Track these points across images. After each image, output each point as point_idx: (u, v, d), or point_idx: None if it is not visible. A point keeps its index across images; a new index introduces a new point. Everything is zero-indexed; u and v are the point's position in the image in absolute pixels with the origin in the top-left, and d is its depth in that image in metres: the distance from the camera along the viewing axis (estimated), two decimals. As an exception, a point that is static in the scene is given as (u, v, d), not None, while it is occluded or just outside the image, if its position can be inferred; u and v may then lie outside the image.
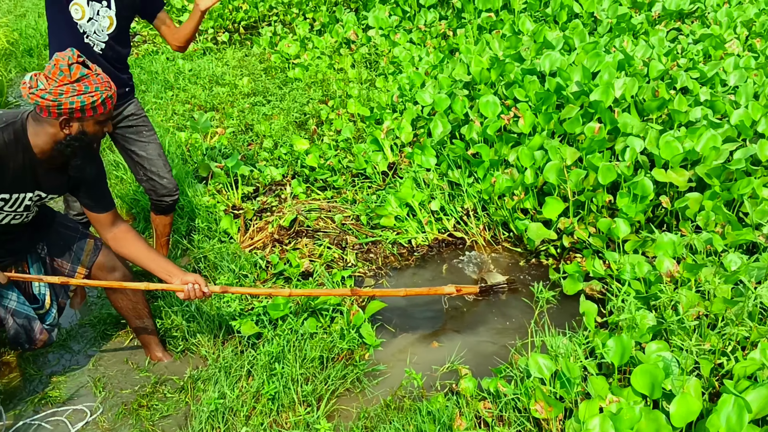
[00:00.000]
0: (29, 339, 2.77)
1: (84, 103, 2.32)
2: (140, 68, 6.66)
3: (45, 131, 2.39)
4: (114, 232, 2.78)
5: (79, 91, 2.30)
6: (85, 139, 2.43)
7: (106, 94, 2.37)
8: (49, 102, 2.29)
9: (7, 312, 2.69)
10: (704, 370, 2.40)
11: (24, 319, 2.73)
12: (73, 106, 2.31)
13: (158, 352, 3.20)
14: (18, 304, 2.72)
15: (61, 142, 2.40)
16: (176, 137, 5.01)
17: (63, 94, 2.29)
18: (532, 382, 2.54)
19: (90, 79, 2.33)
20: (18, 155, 2.39)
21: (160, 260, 2.80)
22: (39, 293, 2.82)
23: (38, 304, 2.81)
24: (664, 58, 4.64)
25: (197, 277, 2.77)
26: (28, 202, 2.55)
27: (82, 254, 2.87)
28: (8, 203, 2.48)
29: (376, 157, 4.54)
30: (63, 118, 2.34)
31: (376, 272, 3.76)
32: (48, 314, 2.85)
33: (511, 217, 3.86)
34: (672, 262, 3.01)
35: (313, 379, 2.93)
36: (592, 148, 3.67)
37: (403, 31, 6.47)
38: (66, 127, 2.37)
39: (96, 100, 2.34)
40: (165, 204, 3.57)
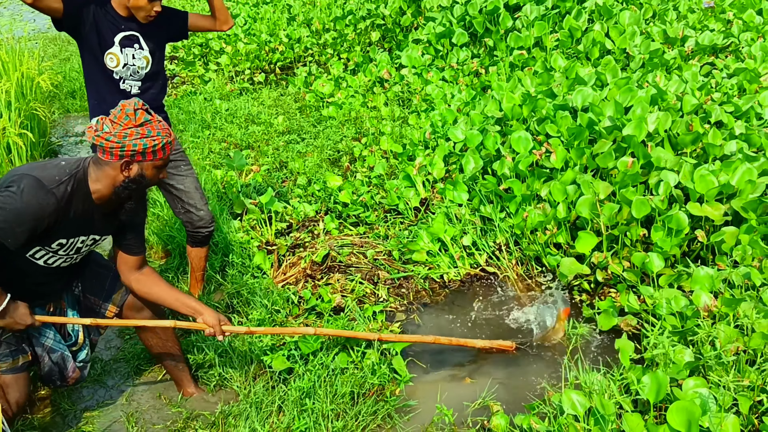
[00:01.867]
0: (62, 377, 2.82)
1: (146, 146, 2.42)
2: (178, 108, 6.84)
3: (105, 175, 2.48)
4: (138, 275, 2.84)
5: (142, 135, 2.41)
6: (143, 182, 2.52)
7: (166, 140, 2.48)
8: (113, 144, 2.39)
9: (44, 350, 2.75)
10: (743, 407, 2.33)
11: (59, 357, 2.79)
12: (135, 149, 2.41)
13: (190, 387, 3.22)
14: (54, 342, 2.78)
15: (120, 186, 2.49)
16: (212, 175, 5.11)
17: (127, 137, 2.39)
18: (566, 419, 2.50)
19: (153, 124, 2.45)
20: (79, 203, 2.49)
21: (184, 299, 2.85)
22: (73, 330, 2.88)
23: (72, 340, 2.87)
24: (697, 92, 4.60)
25: (220, 316, 2.83)
26: (80, 245, 2.63)
27: (114, 293, 2.93)
28: (64, 247, 2.57)
29: (408, 193, 4.57)
30: (124, 160, 2.43)
31: (407, 307, 3.75)
32: (81, 350, 2.91)
33: (544, 251, 3.84)
34: (709, 297, 2.95)
35: (344, 415, 2.91)
36: (626, 183, 3.64)
37: (435, 69, 6.54)
38: (126, 170, 2.46)
39: (157, 144, 2.45)
40: (201, 235, 3.67)
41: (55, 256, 2.60)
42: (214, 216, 4.28)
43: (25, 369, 2.72)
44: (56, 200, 2.38)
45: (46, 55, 9.53)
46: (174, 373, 3.20)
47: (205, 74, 7.84)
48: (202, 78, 7.84)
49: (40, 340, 2.75)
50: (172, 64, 8.44)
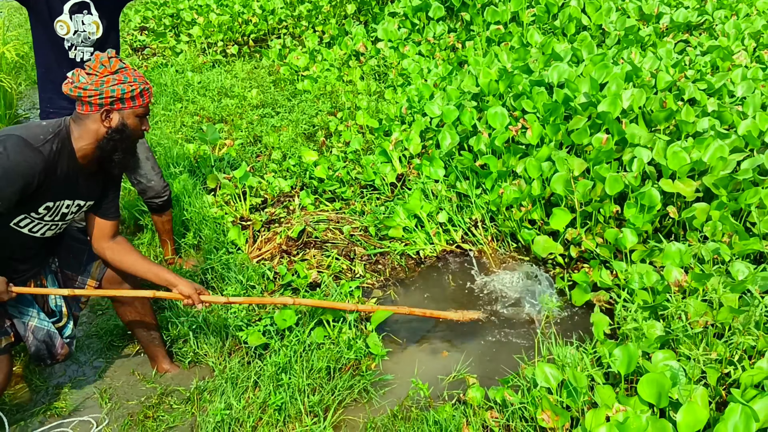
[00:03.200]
0: (51, 354, 2.77)
1: (124, 91, 2.43)
2: (150, 80, 6.72)
3: (87, 130, 2.47)
4: (111, 243, 2.79)
5: (119, 81, 2.42)
6: (126, 131, 2.50)
7: (143, 86, 2.49)
8: (91, 92, 2.39)
9: (27, 329, 2.70)
10: (711, 379, 2.38)
11: (45, 334, 2.74)
12: (114, 95, 2.41)
13: (165, 363, 3.21)
14: (38, 320, 2.73)
15: (103, 139, 2.48)
16: (185, 149, 5.05)
17: (104, 84, 2.40)
18: (539, 391, 2.54)
19: (128, 71, 2.46)
20: (64, 162, 2.46)
21: (157, 269, 2.81)
22: (56, 306, 2.83)
23: (56, 317, 2.83)
24: (671, 69, 4.64)
25: (197, 286, 2.81)
26: (65, 210, 2.59)
27: (92, 267, 2.89)
28: (50, 212, 2.54)
29: (384, 169, 4.55)
30: (104, 109, 2.43)
31: (384, 283, 3.76)
32: (66, 327, 2.86)
33: (519, 227, 3.86)
34: (680, 272, 3.00)
35: (320, 390, 2.93)
36: (600, 159, 3.67)
37: (412, 43, 6.50)
38: (107, 119, 2.46)
39: (135, 89, 2.45)
40: (156, 205, 3.72)
41: (41, 223, 2.55)
42: (186, 193, 4.26)
43: (8, 350, 2.68)
44: (44, 158, 2.35)
45: (11, 24, 9.29)
46: (149, 349, 3.18)
47: (177, 46, 7.70)
48: (174, 50, 7.69)
49: (23, 319, 2.70)
50: (142, 35, 8.28)
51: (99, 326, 3.54)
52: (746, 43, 5.17)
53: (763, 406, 2.08)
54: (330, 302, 3.23)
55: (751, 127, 3.70)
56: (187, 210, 4.21)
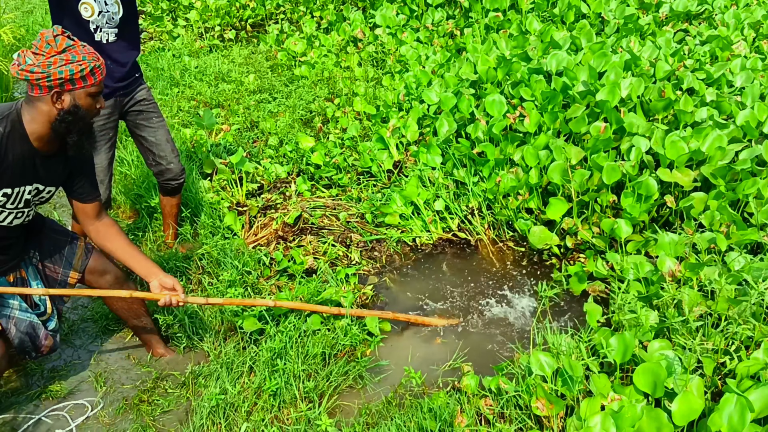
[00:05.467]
0: (35, 346, 2.73)
1: (72, 71, 2.32)
2: (146, 65, 6.67)
3: (39, 112, 2.37)
4: (97, 225, 2.76)
5: (67, 61, 2.30)
6: (79, 113, 2.39)
7: (94, 64, 2.37)
8: (38, 75, 2.29)
9: (9, 321, 2.65)
10: (707, 369, 2.39)
11: (27, 326, 2.69)
12: (62, 76, 2.30)
13: (160, 348, 3.20)
14: (20, 311, 2.68)
15: (55, 120, 2.38)
16: (181, 133, 5.02)
17: (51, 65, 2.28)
18: (534, 379, 2.54)
19: (76, 49, 2.34)
20: (16, 146, 2.38)
21: (140, 258, 2.77)
22: (39, 299, 2.79)
23: (40, 309, 2.78)
24: (670, 58, 4.62)
25: (174, 282, 2.75)
26: (28, 196, 2.52)
27: (74, 258, 2.85)
28: (10, 199, 2.46)
29: (381, 156, 4.54)
30: (54, 91, 2.33)
31: (380, 270, 3.76)
32: (50, 320, 2.82)
33: (516, 216, 3.85)
34: (674, 262, 3.00)
35: (315, 376, 2.93)
36: (598, 148, 3.66)
37: (410, 29, 6.46)
38: (58, 101, 2.36)
39: (84, 68, 2.34)
40: (171, 186, 3.71)
41: (5, 211, 2.48)
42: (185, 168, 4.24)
43: None
44: None
45: (7, 7, 9.20)
46: (142, 336, 3.17)
47: (174, 30, 7.64)
48: (171, 34, 7.64)
49: (4, 312, 2.65)
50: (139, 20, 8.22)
51: (94, 310, 3.53)
52: (746, 33, 5.15)
53: (759, 397, 2.08)
54: (312, 305, 3.18)
55: (749, 117, 3.69)
56: (184, 195, 4.19)
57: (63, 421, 2.86)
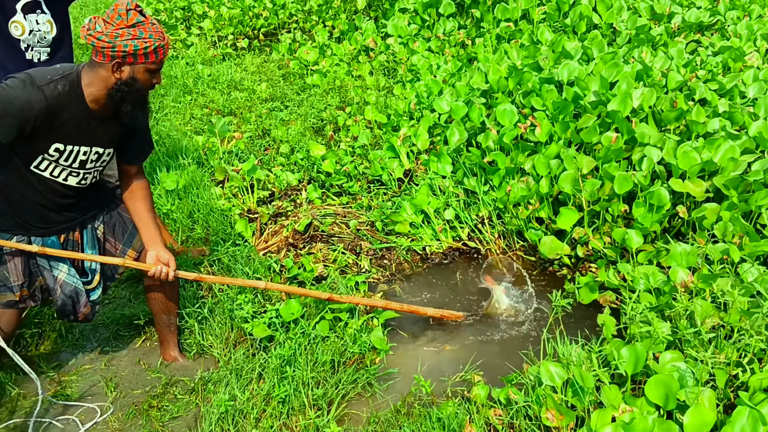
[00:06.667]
0: (74, 311, 2.84)
1: (137, 47, 2.40)
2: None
3: (98, 77, 2.47)
4: (132, 183, 2.87)
5: (133, 36, 2.39)
6: (135, 85, 2.49)
7: (159, 43, 2.46)
8: (104, 44, 2.38)
9: (56, 282, 2.77)
10: (719, 382, 2.37)
11: (72, 290, 2.80)
12: (126, 50, 2.39)
13: (173, 351, 3.22)
14: (68, 276, 2.79)
15: (112, 88, 2.48)
16: (194, 141, 5.05)
17: (119, 37, 2.38)
18: (544, 390, 2.52)
19: (145, 26, 2.42)
20: (72, 105, 2.48)
21: (151, 226, 2.87)
22: (90, 268, 2.89)
23: (87, 278, 2.88)
24: (682, 69, 4.61)
25: (170, 257, 2.84)
26: (83, 156, 2.61)
27: (135, 238, 2.94)
28: (62, 155, 2.56)
29: (392, 164, 4.55)
30: (116, 61, 2.42)
31: (389, 278, 3.75)
32: (94, 291, 2.91)
33: (526, 226, 3.85)
34: (686, 272, 2.98)
35: (324, 383, 2.92)
36: (609, 158, 3.65)
37: (421, 39, 6.48)
38: (117, 71, 2.45)
39: (149, 46, 2.43)
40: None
41: (59, 167, 2.58)
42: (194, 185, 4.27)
43: (10, 307, 2.75)
44: (44, 97, 2.38)
45: None
46: (163, 334, 3.21)
47: (188, 38, 7.70)
48: (185, 42, 7.69)
49: (53, 273, 2.77)
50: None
51: (105, 316, 3.55)
52: (758, 44, 5.13)
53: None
54: (301, 289, 3.20)
55: (762, 128, 3.67)
56: (195, 201, 4.21)
57: (73, 426, 2.87)
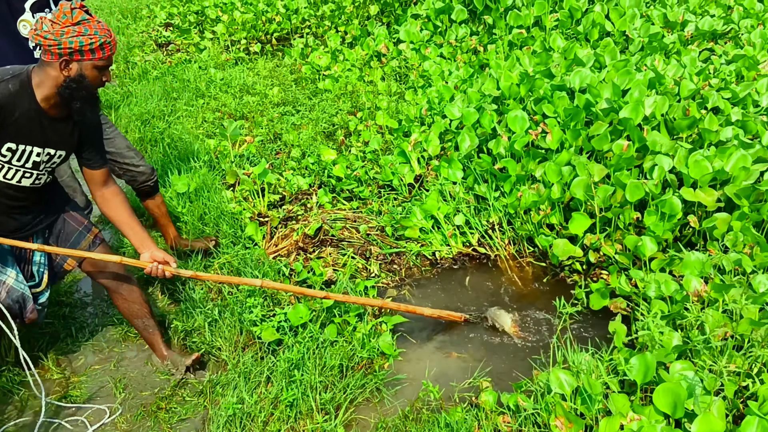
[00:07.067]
0: (21, 315, 2.88)
1: (82, 44, 2.47)
2: (173, 76, 6.76)
3: (48, 76, 2.53)
4: (103, 191, 2.92)
5: (78, 33, 2.46)
6: (84, 82, 2.55)
7: (104, 39, 2.52)
8: (51, 42, 2.45)
9: (2, 287, 2.80)
10: (728, 392, 2.35)
11: (19, 296, 2.84)
12: (72, 46, 2.46)
13: (163, 350, 3.22)
14: (15, 281, 2.84)
15: (61, 86, 2.53)
16: (206, 144, 5.08)
17: (64, 34, 2.45)
18: (553, 397, 2.52)
19: (90, 23, 2.50)
20: (23, 104, 2.54)
21: (137, 229, 2.92)
22: (37, 272, 2.95)
23: (35, 281, 2.94)
24: (695, 77, 4.59)
25: (165, 256, 2.89)
26: (36, 157, 2.67)
27: (78, 246, 2.98)
28: (15, 155, 2.61)
29: (402, 169, 4.55)
30: (63, 59, 2.48)
31: (399, 283, 3.75)
32: (43, 293, 2.97)
33: (537, 232, 3.84)
34: (699, 282, 2.96)
35: (332, 387, 2.93)
36: (620, 166, 3.64)
37: (433, 45, 6.49)
38: (65, 69, 2.51)
39: (94, 42, 2.49)
40: (148, 188, 3.78)
41: (12, 168, 2.63)
42: (205, 187, 4.29)
43: None
44: None
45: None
46: (145, 336, 3.22)
47: (201, 42, 7.74)
48: (197, 46, 7.74)
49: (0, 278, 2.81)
50: (167, 31, 8.34)
51: (115, 316, 3.57)
52: (773, 53, 5.11)
53: (781, 420, 2.05)
54: (299, 288, 3.21)
55: (775, 137, 3.65)
56: (206, 204, 4.23)
57: (82, 426, 2.89)
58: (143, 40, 8.15)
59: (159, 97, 6.23)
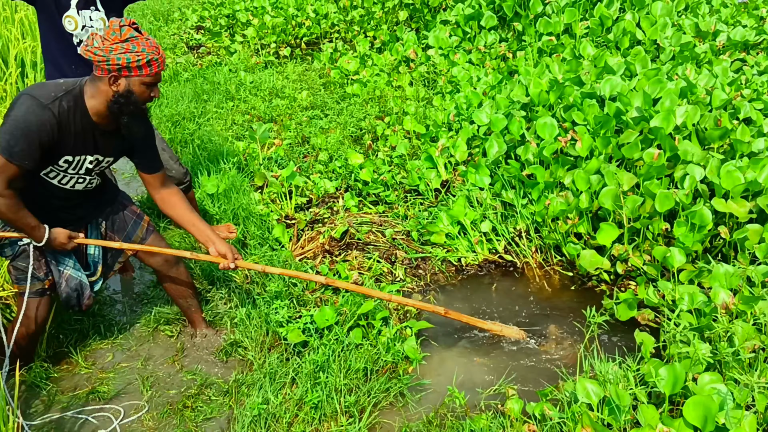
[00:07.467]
0: (78, 303, 3.02)
1: (129, 60, 2.53)
2: (203, 78, 6.84)
3: (99, 91, 2.62)
4: (162, 193, 3.02)
5: (126, 50, 2.53)
6: (131, 98, 2.62)
7: (152, 56, 2.58)
8: (100, 57, 2.53)
9: (62, 277, 2.95)
10: (760, 405, 2.32)
11: (77, 284, 2.99)
12: (119, 63, 2.53)
13: (202, 326, 3.41)
14: (73, 270, 2.98)
15: (111, 100, 2.61)
16: (235, 146, 5.13)
17: (112, 51, 2.52)
18: (580, 407, 2.50)
19: (138, 41, 2.56)
20: (77, 119, 2.63)
21: (200, 225, 3.02)
22: (92, 262, 3.08)
23: (90, 270, 3.07)
24: (727, 87, 4.53)
25: (229, 248, 2.98)
26: (89, 165, 2.78)
27: (134, 235, 3.12)
28: (71, 165, 2.73)
29: (429, 174, 4.55)
30: (112, 74, 2.56)
31: (424, 288, 3.75)
32: (96, 282, 3.11)
33: (564, 241, 3.82)
34: (728, 294, 2.93)
35: (357, 391, 2.93)
36: (651, 175, 3.61)
37: (462, 51, 6.49)
38: (114, 84, 2.59)
39: (141, 59, 2.55)
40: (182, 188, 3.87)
41: (67, 176, 2.76)
42: (234, 189, 4.34)
43: (44, 294, 2.95)
44: (53, 114, 2.54)
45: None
46: (187, 314, 3.40)
47: (231, 46, 7.82)
48: (228, 49, 7.82)
49: (59, 267, 2.95)
50: (198, 34, 8.44)
51: (144, 314, 3.61)
52: (807, 64, 5.03)
53: (814, 435, 2.02)
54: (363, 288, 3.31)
55: (809, 149, 3.60)
56: (234, 205, 4.27)
57: (109, 422, 2.92)
58: (175, 42, 8.26)
59: (189, 98, 6.30)
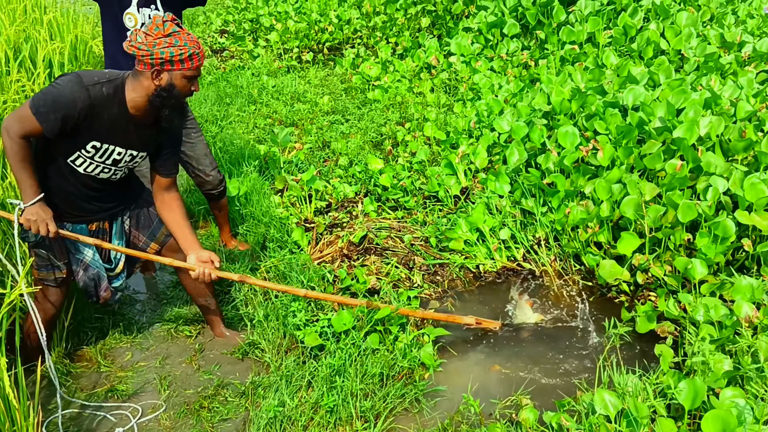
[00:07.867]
0: (95, 293, 3.06)
1: (173, 54, 2.61)
2: (226, 81, 6.89)
3: (140, 85, 2.69)
4: (165, 195, 3.06)
5: (169, 44, 2.61)
6: (173, 91, 2.70)
7: (193, 50, 2.67)
8: (144, 52, 2.60)
9: (80, 265, 3.02)
10: (781, 421, 2.28)
11: (95, 273, 3.04)
12: (163, 56, 2.60)
13: (220, 328, 3.45)
14: (92, 260, 3.02)
15: (153, 94, 2.69)
16: (256, 149, 5.16)
17: (156, 45, 2.60)
18: (597, 419, 2.48)
19: (180, 35, 2.64)
20: (113, 108, 2.69)
21: (186, 233, 3.05)
22: (114, 257, 3.11)
23: (111, 265, 3.11)
24: (752, 99, 4.49)
25: (211, 255, 3.00)
26: (116, 156, 2.82)
27: (158, 232, 3.15)
28: (98, 152, 2.77)
29: (449, 181, 4.55)
30: (155, 68, 2.64)
31: (441, 295, 3.75)
32: (118, 278, 3.15)
33: (584, 250, 3.79)
34: (751, 307, 2.89)
35: (372, 396, 2.93)
36: (673, 185, 3.58)
37: (484, 58, 6.48)
38: (157, 78, 2.66)
39: (183, 53, 2.63)
40: (213, 195, 3.99)
41: (93, 163, 2.79)
42: (254, 191, 4.39)
43: (61, 284, 3.01)
44: (88, 96, 2.61)
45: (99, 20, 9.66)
46: (205, 314, 3.43)
47: (254, 50, 7.88)
48: (251, 53, 7.88)
49: (77, 256, 3.01)
50: (222, 38, 8.51)
51: (163, 313, 3.64)
52: (835, 76, 4.97)
53: (837, 453, 1.98)
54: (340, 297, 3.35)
55: (836, 162, 3.54)
56: (255, 207, 4.30)
57: (126, 420, 2.95)
58: (198, 45, 8.32)
59: (212, 102, 6.35)
